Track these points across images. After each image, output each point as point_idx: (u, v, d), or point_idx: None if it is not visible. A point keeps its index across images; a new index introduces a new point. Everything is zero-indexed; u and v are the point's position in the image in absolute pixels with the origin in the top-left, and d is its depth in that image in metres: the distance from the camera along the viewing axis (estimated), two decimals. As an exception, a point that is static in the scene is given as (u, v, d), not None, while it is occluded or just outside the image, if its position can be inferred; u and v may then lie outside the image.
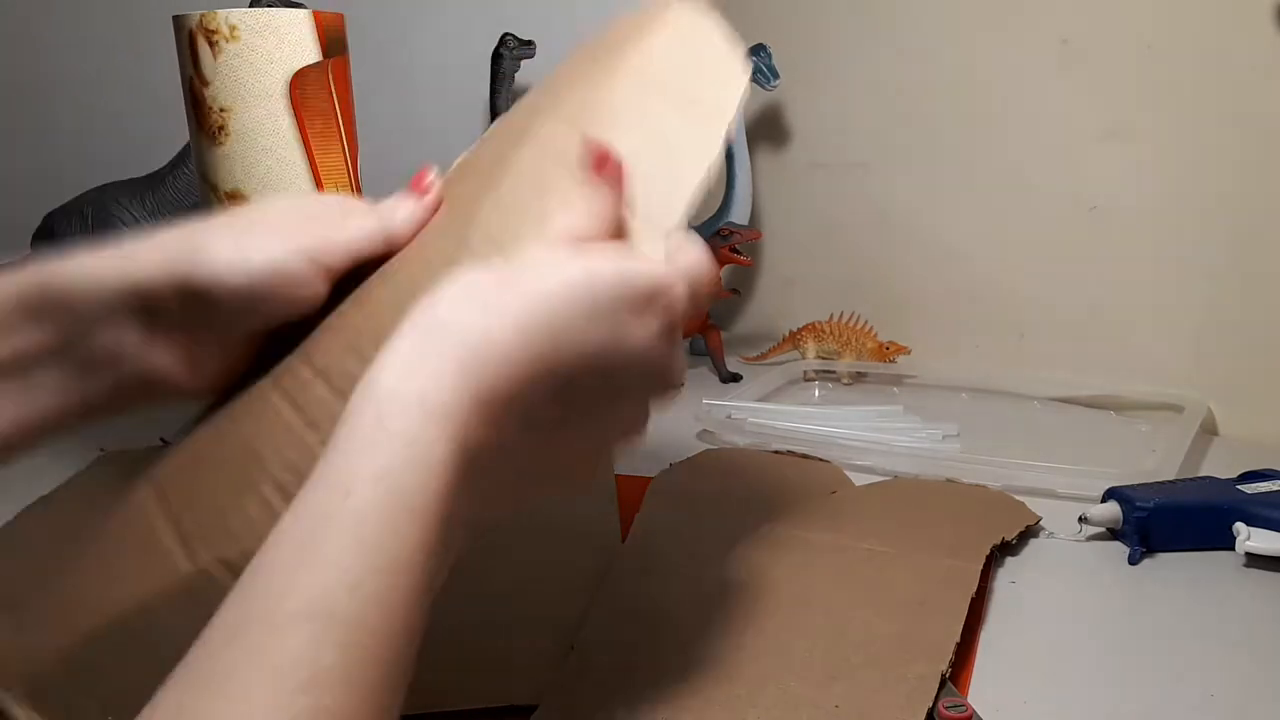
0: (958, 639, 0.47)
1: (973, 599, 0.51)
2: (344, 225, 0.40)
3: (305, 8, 0.60)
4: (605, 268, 0.34)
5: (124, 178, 1.10)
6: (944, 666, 0.45)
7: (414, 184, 0.42)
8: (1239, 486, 0.61)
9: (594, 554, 0.60)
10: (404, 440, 0.29)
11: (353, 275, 0.40)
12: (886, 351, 0.98)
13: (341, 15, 0.61)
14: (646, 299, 0.35)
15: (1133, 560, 0.58)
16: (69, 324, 0.37)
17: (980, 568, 0.54)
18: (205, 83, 0.58)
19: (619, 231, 0.38)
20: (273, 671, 0.25)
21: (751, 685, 0.45)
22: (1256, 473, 0.62)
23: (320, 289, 0.39)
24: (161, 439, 0.88)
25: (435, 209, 0.42)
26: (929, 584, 0.53)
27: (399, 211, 0.41)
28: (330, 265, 0.39)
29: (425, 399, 0.30)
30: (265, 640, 0.26)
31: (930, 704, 0.43)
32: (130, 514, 0.38)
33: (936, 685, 0.44)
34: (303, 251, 0.38)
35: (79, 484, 0.79)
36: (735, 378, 0.99)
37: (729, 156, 1.06)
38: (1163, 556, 0.59)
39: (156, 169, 1.09)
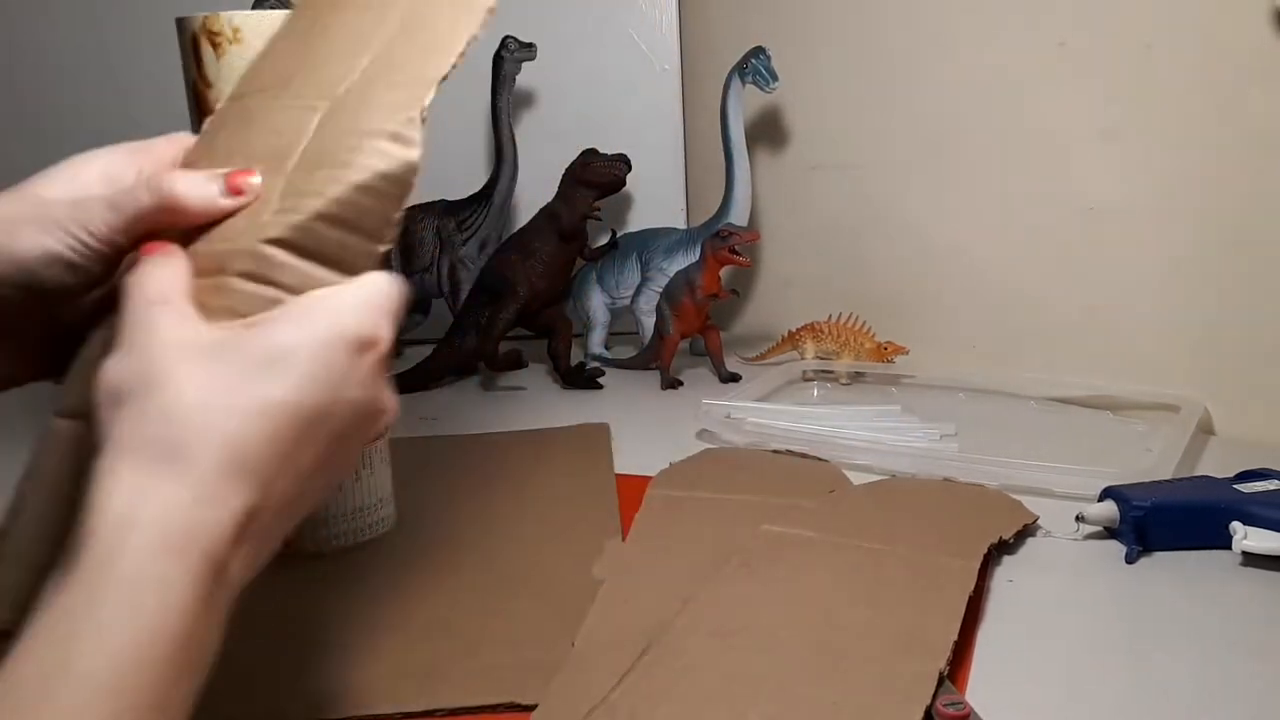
0: (955, 637, 0.48)
1: (970, 597, 0.52)
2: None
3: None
4: (320, 327, 0.33)
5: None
6: (942, 664, 0.45)
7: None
8: (1235, 486, 0.61)
9: (594, 553, 0.60)
10: (150, 585, 0.28)
11: None
12: (884, 351, 0.98)
13: (343, 18, 0.61)
14: (358, 349, 0.34)
15: (1129, 559, 0.58)
16: None
17: (978, 566, 0.55)
18: (208, 84, 0.58)
19: None
20: None
21: (750, 683, 0.45)
22: (1253, 472, 0.63)
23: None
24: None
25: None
26: (927, 582, 0.53)
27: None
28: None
29: (166, 530, 0.29)
30: None
31: (928, 701, 0.43)
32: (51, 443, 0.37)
33: (934, 683, 0.44)
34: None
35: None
36: (734, 378, 1.00)
37: (728, 158, 1.06)
38: (1159, 555, 0.59)
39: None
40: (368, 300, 0.35)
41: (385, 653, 0.51)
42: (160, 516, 0.29)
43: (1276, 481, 0.61)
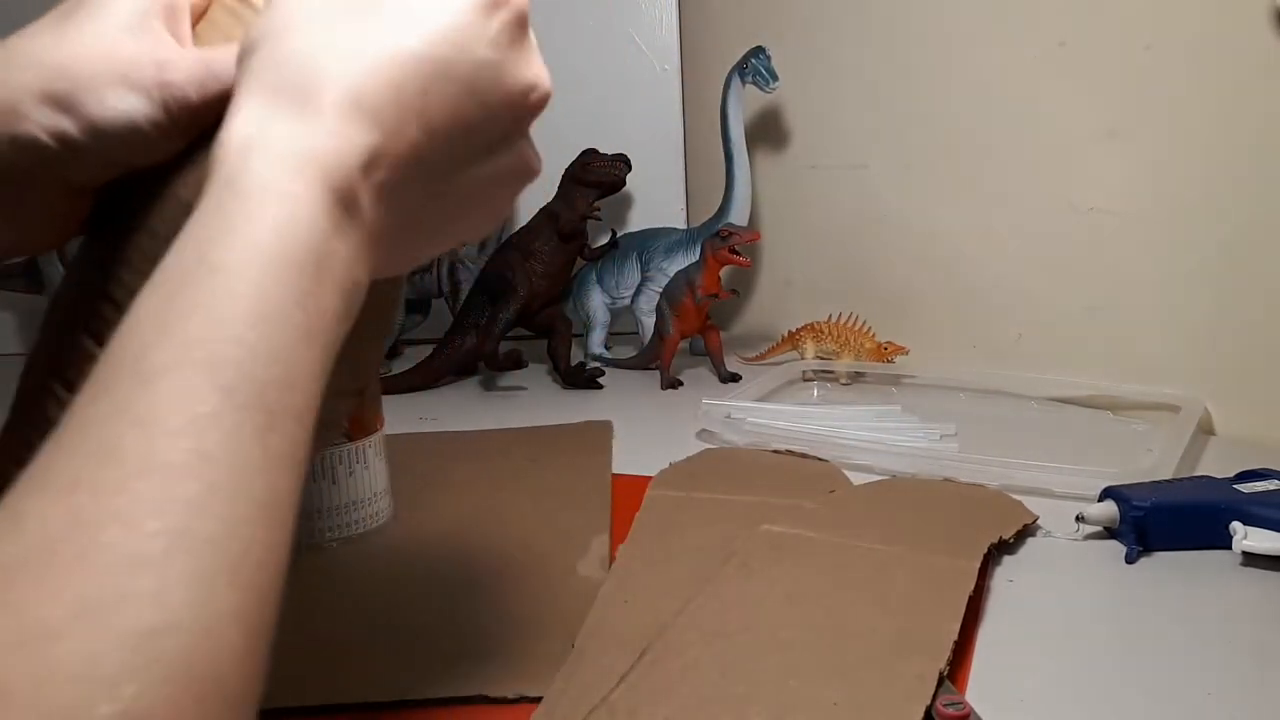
0: (956, 637, 0.48)
1: (971, 597, 0.52)
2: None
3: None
4: None
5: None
6: (942, 664, 0.45)
7: None
8: (1235, 486, 0.61)
9: (581, 550, 0.61)
10: (273, 194, 0.28)
11: None
12: (884, 351, 0.98)
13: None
14: (486, 6, 0.33)
15: (1130, 559, 0.58)
16: None
17: (978, 566, 0.54)
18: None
19: None
20: (138, 420, 0.24)
21: (750, 683, 0.45)
22: (1253, 472, 0.63)
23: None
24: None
25: None
26: (927, 582, 0.53)
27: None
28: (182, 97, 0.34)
29: (293, 147, 0.29)
30: (132, 393, 0.25)
31: (928, 702, 0.43)
32: None
33: (934, 683, 0.44)
34: (152, 92, 0.33)
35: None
36: (734, 378, 1.00)
37: (728, 158, 1.06)
38: (1159, 555, 0.59)
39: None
40: None
41: (376, 644, 0.51)
42: (280, 139, 0.29)
43: (1276, 481, 0.61)
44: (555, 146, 1.05)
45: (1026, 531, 0.62)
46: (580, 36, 1.18)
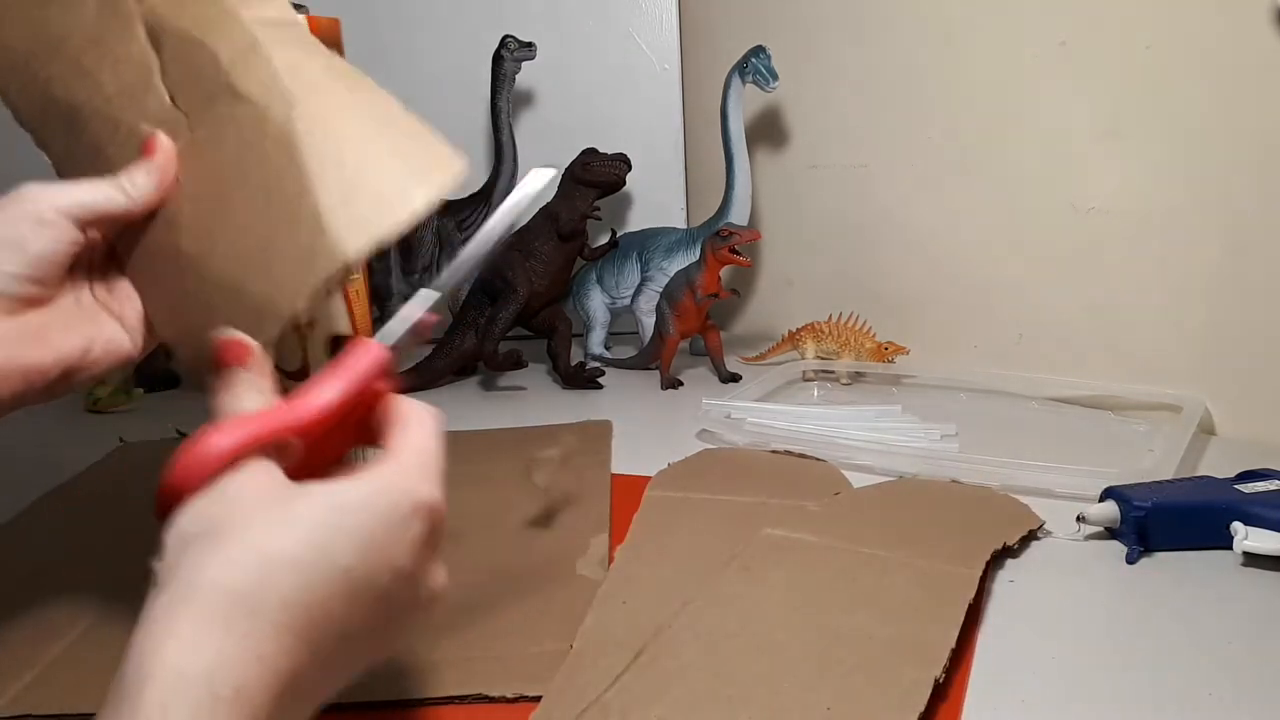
0: (953, 645, 0.47)
1: (971, 600, 0.52)
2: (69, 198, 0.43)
3: (306, 10, 0.61)
4: (365, 498, 0.34)
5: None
6: (938, 672, 0.45)
7: (145, 150, 0.43)
8: (1236, 486, 0.61)
9: (581, 549, 0.61)
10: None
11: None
12: (885, 351, 0.98)
13: (337, 21, 0.61)
14: (415, 514, 0.36)
15: (1130, 559, 0.58)
16: None
17: (979, 574, 0.54)
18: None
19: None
20: None
21: (744, 685, 0.45)
22: (1254, 472, 0.63)
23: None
24: (178, 430, 0.88)
25: (170, 170, 0.43)
26: (927, 589, 0.53)
27: (135, 180, 0.43)
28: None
29: (214, 681, 0.28)
30: None
31: (922, 709, 0.43)
32: None
33: (929, 690, 0.44)
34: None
35: (97, 471, 0.79)
36: (735, 378, 1.00)
37: (728, 158, 1.06)
38: (1160, 556, 0.59)
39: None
40: (425, 464, 0.38)
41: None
42: (211, 670, 0.28)
43: (1277, 481, 0.61)
44: (555, 146, 1.06)
45: (1028, 533, 0.62)
46: (580, 36, 1.17)
